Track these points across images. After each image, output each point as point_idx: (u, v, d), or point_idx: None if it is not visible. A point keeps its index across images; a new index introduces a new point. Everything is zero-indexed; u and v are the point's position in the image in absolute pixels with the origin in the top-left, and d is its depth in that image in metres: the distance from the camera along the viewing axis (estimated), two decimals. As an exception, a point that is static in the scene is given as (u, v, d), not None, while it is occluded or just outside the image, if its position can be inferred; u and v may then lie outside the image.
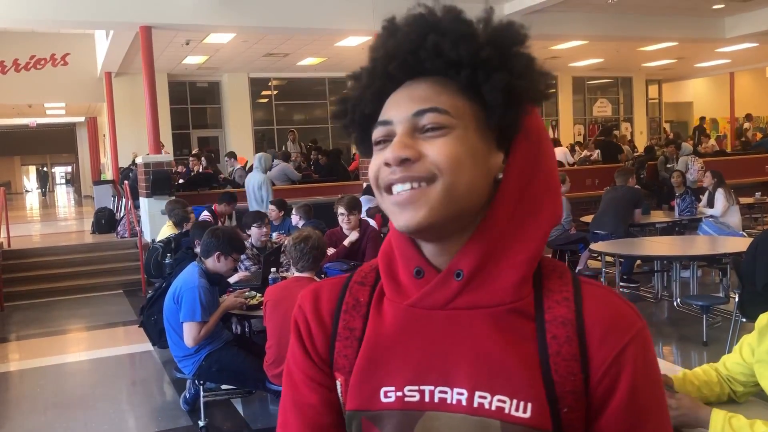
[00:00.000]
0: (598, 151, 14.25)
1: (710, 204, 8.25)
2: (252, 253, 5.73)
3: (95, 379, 5.72)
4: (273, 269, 4.73)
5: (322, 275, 4.16)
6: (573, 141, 18.02)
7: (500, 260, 0.82)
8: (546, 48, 14.65)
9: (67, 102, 17.87)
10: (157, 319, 4.67)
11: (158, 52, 10.29)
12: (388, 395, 0.82)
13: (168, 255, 6.18)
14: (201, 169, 12.30)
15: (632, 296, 7.14)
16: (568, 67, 18.44)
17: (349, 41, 12.73)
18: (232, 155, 12.83)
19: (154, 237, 8.32)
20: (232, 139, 17.10)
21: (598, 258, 7.17)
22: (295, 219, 6.54)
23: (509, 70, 0.79)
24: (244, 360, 4.13)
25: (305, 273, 3.83)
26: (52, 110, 20.18)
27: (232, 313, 4.50)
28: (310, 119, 18.65)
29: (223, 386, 4.52)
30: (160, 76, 13.01)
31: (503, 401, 0.77)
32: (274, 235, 6.50)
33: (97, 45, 14.59)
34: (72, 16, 9.57)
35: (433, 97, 0.81)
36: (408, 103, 0.81)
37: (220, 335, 4.26)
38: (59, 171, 45.13)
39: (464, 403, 0.79)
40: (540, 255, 0.84)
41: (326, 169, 12.53)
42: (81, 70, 15.21)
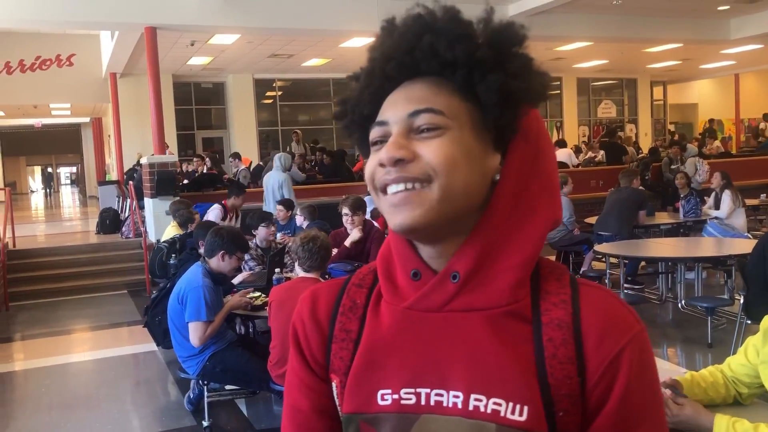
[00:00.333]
0: (602, 152, 14.23)
1: (716, 205, 8.23)
2: (256, 254, 5.74)
3: (99, 379, 5.73)
4: (277, 270, 4.73)
5: (326, 276, 4.16)
6: (578, 142, 18.00)
7: (497, 262, 0.81)
8: (550, 49, 14.63)
9: (72, 102, 17.91)
10: (162, 320, 4.69)
11: (163, 53, 10.31)
12: (384, 398, 0.82)
13: (173, 255, 6.19)
14: (205, 170, 12.31)
15: (636, 298, 7.12)
16: (573, 68, 18.41)
17: (354, 42, 12.73)
18: (237, 156, 12.84)
19: (158, 237, 8.33)
20: (237, 139, 17.10)
21: (603, 259, 7.16)
22: (300, 220, 6.54)
23: (505, 71, 0.79)
24: (249, 360, 4.14)
25: (311, 273, 3.83)
26: (57, 111, 20.22)
27: (236, 313, 4.50)
28: (314, 120, 18.66)
29: (227, 386, 4.52)
30: (164, 76, 13.01)
31: (499, 404, 0.77)
32: (278, 235, 6.51)
33: (102, 46, 14.63)
34: (77, 17, 9.59)
35: (429, 97, 0.81)
36: (404, 104, 0.81)
37: (224, 335, 4.27)
38: (64, 171, 45.28)
39: (460, 406, 0.79)
40: (537, 257, 0.84)
41: (330, 170, 12.53)
42: (86, 70, 15.23)
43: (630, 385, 0.78)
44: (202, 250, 4.76)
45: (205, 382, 4.25)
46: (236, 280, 5.05)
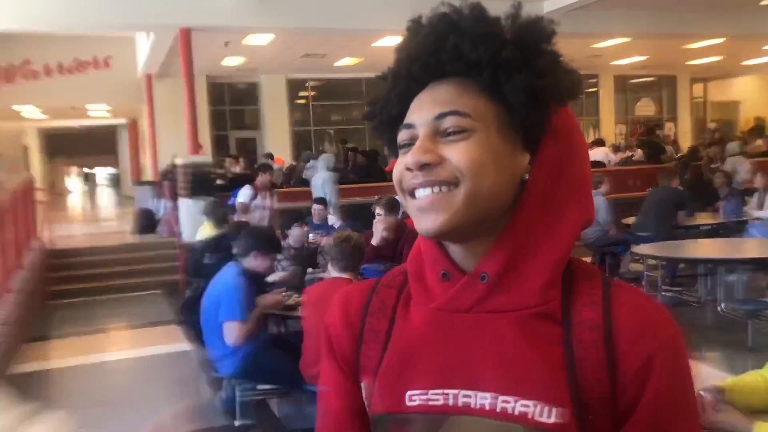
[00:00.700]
0: (640, 150, 13.99)
1: (760, 206, 8.01)
2: (290, 254, 5.74)
3: (135, 378, 5.80)
4: (310, 269, 4.72)
5: (359, 276, 4.13)
6: (615, 141, 17.72)
7: (526, 263, 0.81)
8: (587, 46, 14.41)
9: (108, 104, 18.20)
10: (196, 319, 4.70)
11: (197, 54, 10.41)
12: (413, 399, 0.82)
13: (208, 255, 6.20)
14: (240, 170, 12.41)
15: (675, 300, 6.96)
16: (610, 65, 18.13)
17: (386, 41, 12.72)
18: (270, 156, 12.93)
19: (193, 237, 8.39)
20: (270, 140, 17.21)
21: (641, 261, 7.01)
22: (333, 219, 6.53)
23: (532, 70, 0.78)
24: (282, 360, 4.13)
25: (345, 273, 3.80)
26: (94, 112, 20.57)
27: (269, 312, 4.50)
28: (347, 120, 18.69)
29: (260, 386, 4.52)
30: (199, 77, 13.17)
31: (527, 406, 0.77)
32: (311, 235, 6.51)
33: (138, 47, 14.84)
34: (112, 19, 9.75)
35: (455, 99, 0.80)
36: (430, 106, 0.81)
37: (257, 335, 4.27)
38: (101, 172, 46.12)
39: (488, 407, 0.78)
40: (567, 258, 0.83)
41: (364, 170, 12.55)
42: (122, 72, 15.44)
43: (662, 389, 0.77)
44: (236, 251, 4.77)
45: (238, 381, 4.25)
46: (271, 279, 5.05)
